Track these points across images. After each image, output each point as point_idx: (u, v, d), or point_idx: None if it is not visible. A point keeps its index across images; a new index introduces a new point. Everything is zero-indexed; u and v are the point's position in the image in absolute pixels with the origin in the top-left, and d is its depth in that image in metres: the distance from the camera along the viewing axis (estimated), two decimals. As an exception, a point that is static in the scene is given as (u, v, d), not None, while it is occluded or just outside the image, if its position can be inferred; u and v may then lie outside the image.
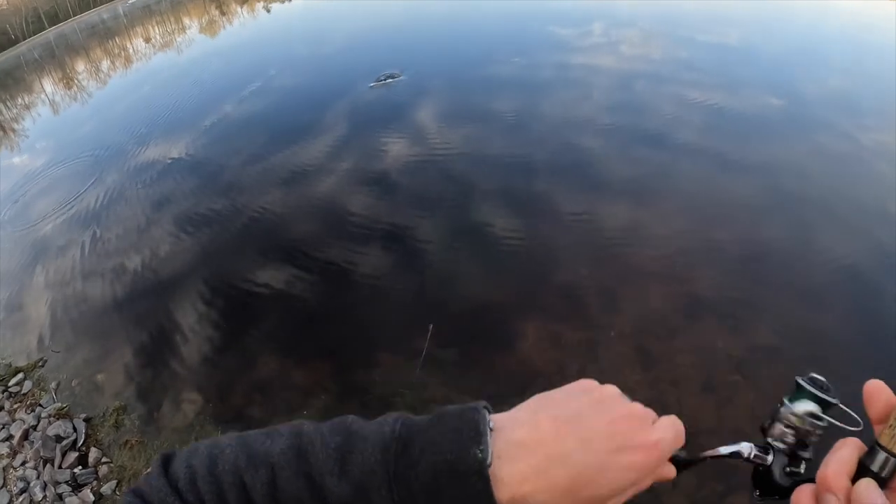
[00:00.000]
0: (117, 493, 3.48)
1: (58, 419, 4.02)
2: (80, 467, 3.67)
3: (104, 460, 3.71)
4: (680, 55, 8.19)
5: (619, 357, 3.56)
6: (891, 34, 7.99)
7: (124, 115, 11.10)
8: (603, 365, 3.55)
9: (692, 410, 3.18)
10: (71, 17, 39.05)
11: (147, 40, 23.15)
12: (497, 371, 3.65)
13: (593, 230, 4.69)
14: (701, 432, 3.02)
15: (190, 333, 4.59)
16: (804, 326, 3.62)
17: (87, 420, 4.01)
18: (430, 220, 5.18)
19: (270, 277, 4.89)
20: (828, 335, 3.54)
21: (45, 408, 4.19)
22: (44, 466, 3.71)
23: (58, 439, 3.83)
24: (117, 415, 4.00)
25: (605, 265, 4.33)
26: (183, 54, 17.76)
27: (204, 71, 13.35)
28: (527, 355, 3.70)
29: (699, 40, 8.75)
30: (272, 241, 5.44)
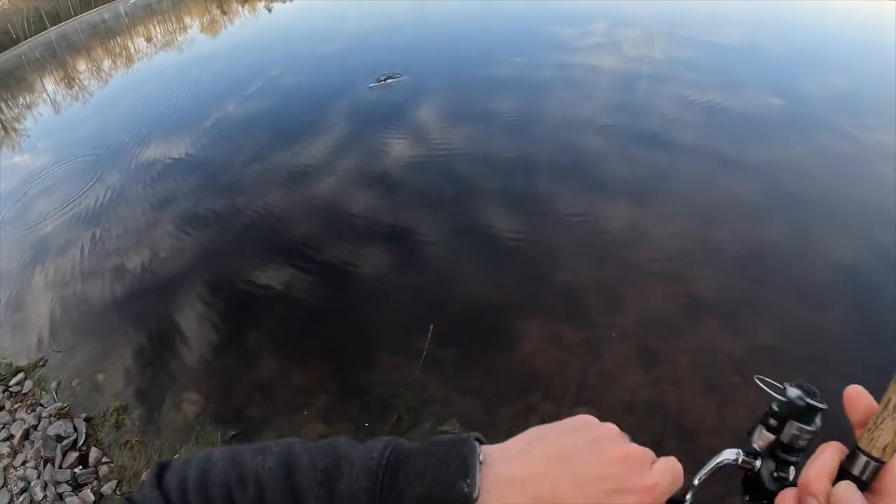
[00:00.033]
0: (118, 493, 3.48)
1: (58, 419, 4.02)
2: (81, 467, 3.68)
3: (104, 460, 3.72)
4: (680, 55, 8.18)
5: (621, 357, 3.56)
6: (891, 34, 7.97)
7: (125, 115, 11.10)
8: (604, 365, 3.55)
9: (693, 410, 3.17)
10: (72, 17, 39.06)
11: (148, 40, 23.17)
12: (497, 371, 3.64)
13: (594, 230, 4.69)
14: (702, 433, 3.02)
15: (190, 333, 4.59)
16: (804, 326, 3.61)
17: (88, 420, 4.02)
18: (431, 220, 5.17)
19: (271, 277, 4.89)
20: (828, 335, 3.53)
21: (46, 407, 4.19)
22: (44, 466, 3.71)
23: (58, 439, 3.83)
24: (118, 415, 4.00)
25: (606, 265, 4.32)
26: (184, 54, 17.77)
27: (205, 70, 13.36)
28: (527, 356, 3.69)
29: (700, 40, 8.74)
30: (272, 241, 5.43)
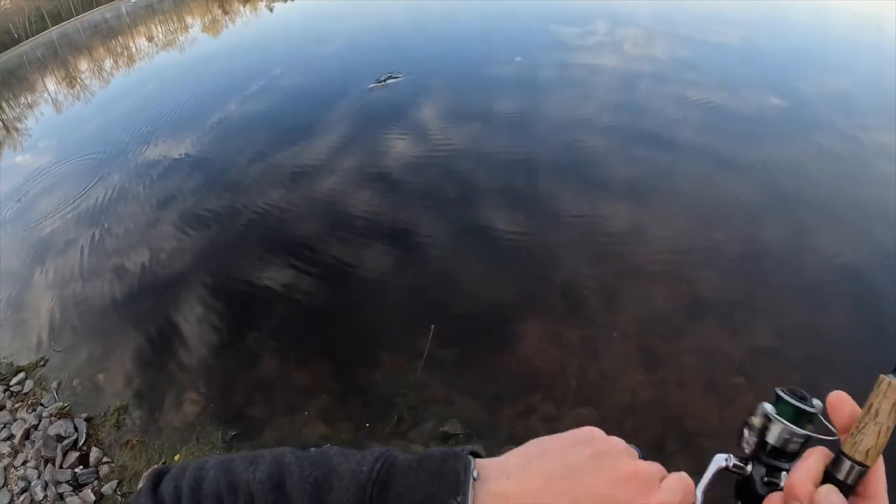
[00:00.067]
0: (118, 493, 3.47)
1: (59, 419, 4.02)
2: (81, 467, 3.67)
3: (105, 460, 3.71)
4: (680, 55, 8.16)
5: (623, 357, 3.55)
6: (890, 34, 7.94)
7: (127, 114, 11.09)
8: (604, 365, 3.54)
9: (695, 411, 3.17)
10: (74, 17, 39.15)
11: (150, 39, 23.21)
12: (498, 371, 3.63)
13: (594, 229, 4.68)
14: (703, 433, 3.01)
15: (191, 333, 4.59)
16: (805, 327, 3.60)
17: (89, 420, 4.01)
18: (431, 220, 5.16)
19: (272, 277, 4.88)
20: (827, 335, 3.52)
21: (47, 407, 4.19)
22: (45, 466, 3.71)
23: (59, 439, 3.83)
24: (118, 414, 3.99)
25: (607, 264, 4.31)
26: (186, 53, 17.80)
27: (206, 70, 13.37)
28: (528, 355, 3.68)
29: (699, 40, 8.73)
30: (273, 241, 5.42)
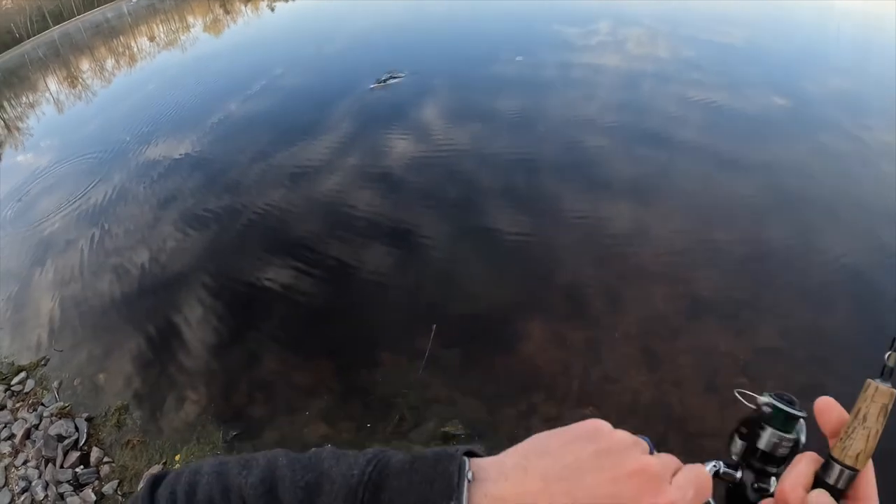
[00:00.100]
0: (119, 493, 3.47)
1: (60, 418, 4.02)
2: (82, 467, 3.67)
3: (106, 460, 3.71)
4: (683, 54, 8.14)
5: (625, 358, 3.53)
6: (892, 34, 7.92)
7: (128, 114, 11.12)
8: (607, 365, 3.52)
9: (697, 412, 3.15)
10: (75, 16, 39.19)
11: (151, 39, 23.22)
12: (500, 371, 3.62)
13: (598, 230, 4.66)
14: (705, 434, 3.00)
15: (192, 333, 4.58)
16: (809, 327, 3.59)
17: (89, 419, 4.01)
18: (433, 220, 5.15)
19: (273, 277, 4.88)
20: (833, 336, 3.50)
21: (47, 407, 4.19)
22: (45, 466, 3.71)
23: (59, 438, 3.83)
24: (119, 414, 3.99)
25: (610, 265, 4.30)
26: (187, 53, 17.81)
27: (208, 70, 13.38)
28: (530, 356, 3.67)
29: (702, 39, 8.70)
30: (274, 241, 5.42)
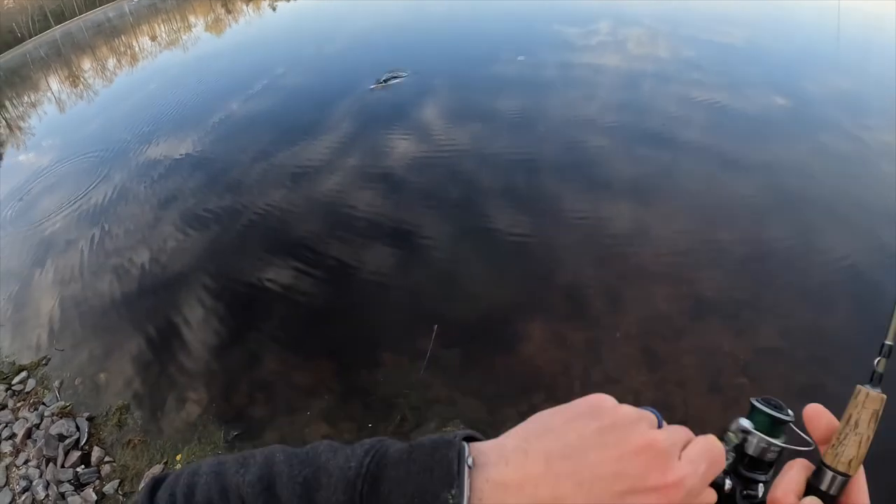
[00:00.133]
0: (120, 493, 3.47)
1: (61, 418, 4.02)
2: (83, 466, 3.67)
3: (107, 459, 3.71)
4: (684, 54, 8.12)
5: (626, 358, 3.53)
6: (892, 34, 7.89)
7: (130, 113, 11.11)
8: (608, 366, 3.52)
9: (698, 412, 3.14)
10: (77, 16, 39.19)
11: (153, 38, 23.22)
12: (501, 372, 3.62)
13: (599, 230, 4.65)
14: (706, 434, 2.99)
15: (193, 333, 4.59)
16: (810, 327, 3.58)
17: (90, 419, 4.01)
18: (434, 220, 5.14)
19: (274, 277, 4.87)
20: (833, 336, 3.49)
21: (49, 406, 4.19)
22: (46, 465, 3.71)
23: (60, 438, 3.83)
24: (120, 414, 3.99)
25: (611, 265, 4.29)
26: (189, 52, 17.80)
27: (209, 69, 13.37)
28: (531, 356, 3.66)
29: (703, 39, 8.68)
30: (275, 241, 5.42)
